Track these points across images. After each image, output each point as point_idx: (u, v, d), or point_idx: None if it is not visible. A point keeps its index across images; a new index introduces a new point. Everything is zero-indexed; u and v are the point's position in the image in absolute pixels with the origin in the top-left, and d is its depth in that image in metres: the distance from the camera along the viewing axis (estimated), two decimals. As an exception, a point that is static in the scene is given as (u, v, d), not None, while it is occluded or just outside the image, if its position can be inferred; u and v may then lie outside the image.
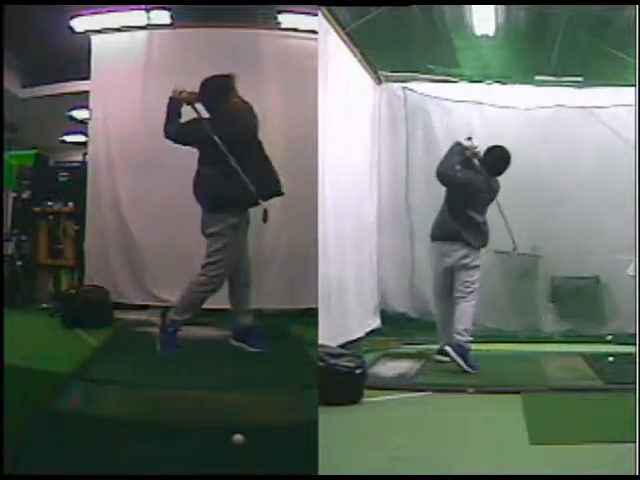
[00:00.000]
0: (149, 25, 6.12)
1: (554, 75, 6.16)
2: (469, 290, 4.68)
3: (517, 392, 3.89)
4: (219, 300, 4.75)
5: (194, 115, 4.42)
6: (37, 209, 6.69)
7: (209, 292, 4.47)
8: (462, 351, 4.55)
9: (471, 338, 4.61)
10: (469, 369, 4.49)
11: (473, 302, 4.67)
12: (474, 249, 4.72)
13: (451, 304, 4.74)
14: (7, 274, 6.27)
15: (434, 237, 4.83)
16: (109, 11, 6.09)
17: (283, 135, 6.03)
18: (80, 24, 6.13)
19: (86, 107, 6.38)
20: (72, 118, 8.37)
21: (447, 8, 5.29)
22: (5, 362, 3.40)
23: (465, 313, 4.65)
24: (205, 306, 5.30)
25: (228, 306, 4.75)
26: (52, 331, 5.24)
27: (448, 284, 4.78)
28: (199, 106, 4.44)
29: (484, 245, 4.80)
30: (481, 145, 5.96)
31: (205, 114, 4.45)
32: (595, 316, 6.29)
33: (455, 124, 6.46)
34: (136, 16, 6.10)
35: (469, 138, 4.77)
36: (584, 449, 2.90)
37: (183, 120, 4.48)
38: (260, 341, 4.60)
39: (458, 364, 4.48)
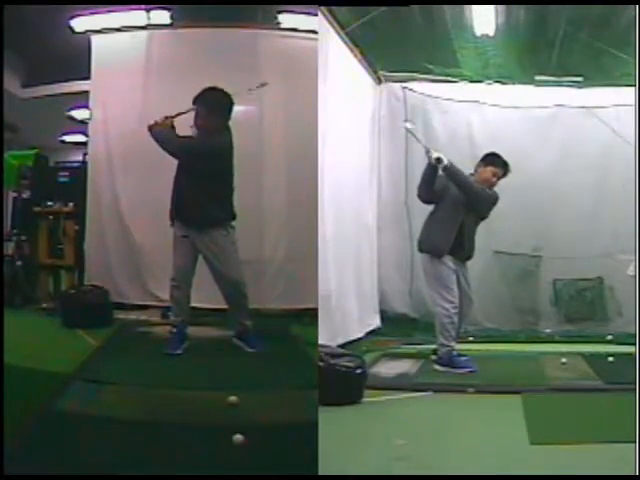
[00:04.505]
0: (149, 25, 6.12)
1: (554, 75, 6.15)
2: (437, 300, 4.66)
3: (517, 392, 3.89)
4: (221, 300, 4.76)
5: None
6: (37, 209, 6.68)
7: (180, 292, 4.60)
8: (446, 361, 4.58)
9: (453, 344, 4.59)
10: (462, 371, 4.50)
11: (442, 310, 4.60)
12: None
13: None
14: (7, 274, 6.27)
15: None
16: (109, 11, 6.09)
17: (283, 135, 6.05)
18: (80, 24, 6.12)
19: (86, 107, 6.38)
20: (72, 118, 8.38)
21: (447, 8, 5.27)
22: (5, 362, 3.40)
23: (438, 325, 4.65)
24: (207, 306, 5.35)
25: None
26: (52, 331, 5.23)
27: None
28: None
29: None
30: (480, 145, 6.03)
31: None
32: (599, 319, 6.29)
33: (455, 124, 6.48)
34: (136, 16, 6.10)
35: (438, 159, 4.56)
36: (584, 449, 2.90)
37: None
38: (257, 342, 4.62)
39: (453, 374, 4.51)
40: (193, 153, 4.46)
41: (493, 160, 4.76)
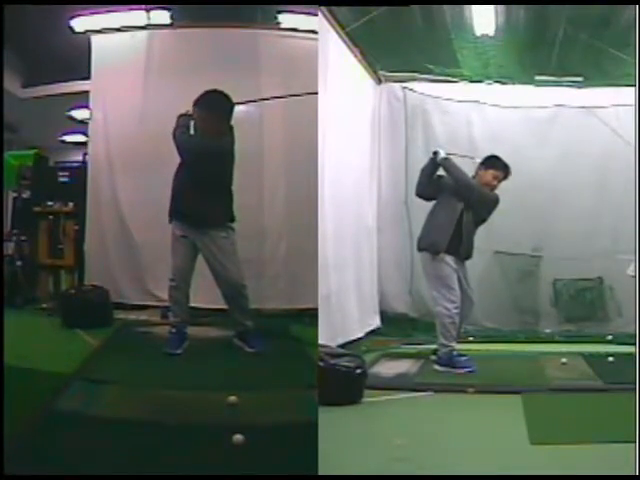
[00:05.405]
0: (149, 25, 6.12)
1: (554, 75, 6.16)
2: (439, 300, 4.64)
3: (517, 392, 3.89)
4: (221, 300, 4.76)
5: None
6: (37, 209, 6.68)
7: (178, 292, 4.60)
8: (446, 361, 4.58)
9: (453, 344, 4.59)
10: (462, 371, 4.50)
11: (443, 310, 4.60)
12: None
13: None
14: (7, 274, 6.27)
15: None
16: (109, 11, 6.09)
17: (283, 135, 6.05)
18: (80, 24, 6.13)
19: (86, 107, 6.38)
20: (72, 118, 8.38)
21: (447, 8, 5.27)
22: (5, 362, 3.40)
23: (439, 325, 4.64)
24: (207, 306, 5.35)
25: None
26: (52, 331, 5.23)
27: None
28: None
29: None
30: (480, 146, 6.03)
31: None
32: (599, 319, 6.28)
33: (455, 124, 6.48)
34: (136, 16, 6.10)
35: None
36: (584, 449, 2.90)
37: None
38: (257, 342, 4.62)
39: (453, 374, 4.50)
40: (194, 152, 4.46)
41: (493, 163, 4.77)
